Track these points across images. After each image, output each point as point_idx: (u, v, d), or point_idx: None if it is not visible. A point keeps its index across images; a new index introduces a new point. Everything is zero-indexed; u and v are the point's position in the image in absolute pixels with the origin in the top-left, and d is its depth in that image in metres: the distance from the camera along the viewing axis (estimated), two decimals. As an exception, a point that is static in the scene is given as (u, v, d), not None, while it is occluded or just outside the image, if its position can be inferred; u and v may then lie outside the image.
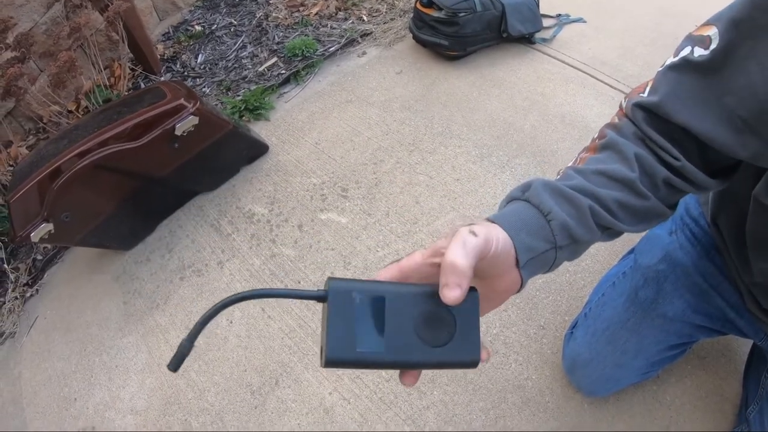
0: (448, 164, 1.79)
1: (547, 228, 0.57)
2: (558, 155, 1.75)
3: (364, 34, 2.35)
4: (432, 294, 0.50)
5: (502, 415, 1.28)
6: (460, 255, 0.47)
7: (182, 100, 1.53)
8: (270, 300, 1.55)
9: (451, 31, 2.01)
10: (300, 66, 2.21)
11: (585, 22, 2.28)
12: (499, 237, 0.52)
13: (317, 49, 2.27)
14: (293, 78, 2.20)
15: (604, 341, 1.13)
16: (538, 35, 2.18)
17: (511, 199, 0.61)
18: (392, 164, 1.82)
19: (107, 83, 2.22)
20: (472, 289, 0.51)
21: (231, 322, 1.52)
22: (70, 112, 2.19)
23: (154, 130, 1.50)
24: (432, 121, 1.94)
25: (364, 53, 2.28)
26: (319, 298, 0.49)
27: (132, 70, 2.33)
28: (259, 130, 2.00)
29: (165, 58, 2.42)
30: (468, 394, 1.31)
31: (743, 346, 1.30)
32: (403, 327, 0.49)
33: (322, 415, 1.33)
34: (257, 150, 1.91)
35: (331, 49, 2.28)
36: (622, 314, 1.12)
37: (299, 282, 1.56)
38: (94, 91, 2.17)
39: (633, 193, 0.62)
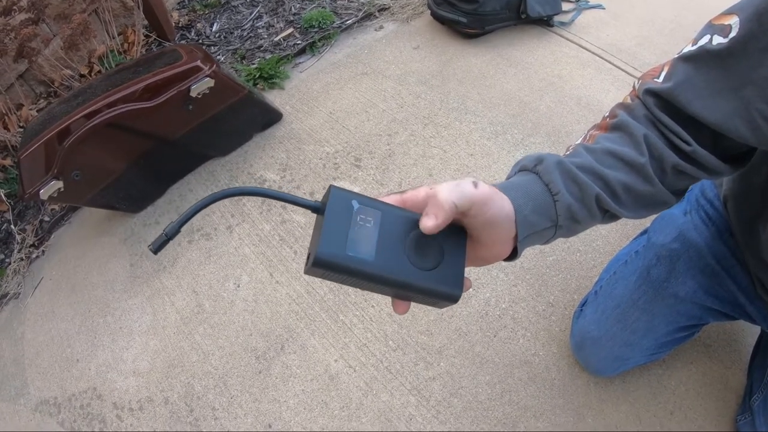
0: (463, 139, 1.78)
1: (552, 208, 0.57)
2: (573, 136, 1.73)
3: (382, 9, 2.33)
4: None
5: (508, 389, 1.27)
6: (446, 191, 0.49)
7: (198, 62, 1.51)
8: (279, 266, 1.54)
9: (470, 8, 1.99)
10: (316, 37, 2.19)
11: (604, 8, 2.26)
12: (503, 207, 0.53)
13: (334, 21, 2.25)
14: (309, 49, 2.18)
15: (614, 319, 1.13)
16: (556, 18, 2.16)
17: (522, 168, 0.61)
18: (406, 136, 1.81)
19: (121, 49, 2.21)
20: (460, 229, 0.54)
21: (238, 286, 1.52)
22: (82, 76, 2.18)
23: (169, 91, 1.49)
24: (447, 96, 1.93)
25: (381, 27, 2.26)
26: (314, 208, 0.51)
27: (146, 36, 2.31)
28: (274, 98, 1.99)
29: (180, 26, 2.41)
30: (474, 367, 1.31)
31: (749, 336, 1.30)
32: (394, 244, 0.50)
33: (327, 382, 1.33)
34: (271, 117, 1.89)
35: (347, 22, 2.26)
36: (633, 293, 1.11)
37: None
38: (108, 56, 2.16)
39: (641, 177, 0.61)
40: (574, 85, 1.91)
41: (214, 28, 2.36)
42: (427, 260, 0.51)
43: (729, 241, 1.02)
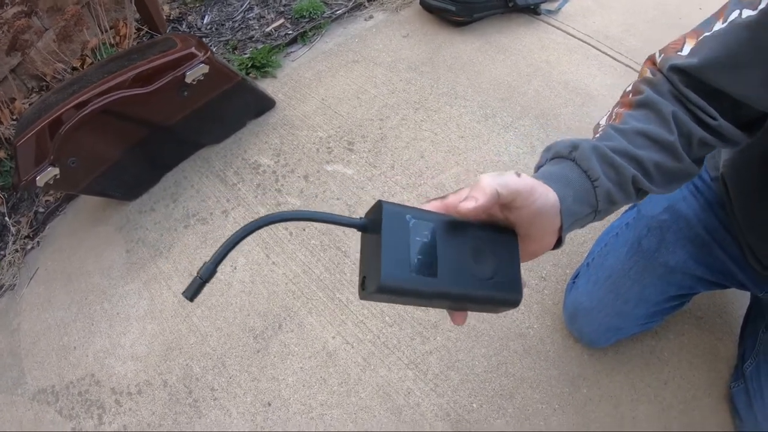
0: (453, 122, 1.80)
1: (592, 194, 0.58)
2: (561, 119, 1.76)
3: (371, -1, 2.35)
4: (476, 228, 0.50)
5: (503, 361, 1.29)
6: (489, 177, 0.48)
7: (193, 49, 1.52)
8: (275, 247, 1.56)
9: (458, -4, 2.02)
10: (307, 27, 2.20)
11: (590, -3, 2.29)
12: (549, 197, 0.52)
13: (324, 12, 2.27)
14: (300, 39, 2.19)
15: (606, 289, 1.15)
16: (543, 6, 2.18)
17: (555, 155, 0.61)
18: (398, 121, 1.83)
19: (112, 42, 2.21)
20: (510, 231, 0.53)
21: (235, 269, 1.53)
22: (74, 69, 2.18)
23: (164, 77, 1.49)
24: (438, 82, 1.94)
25: (370, 17, 2.27)
26: (360, 226, 0.48)
27: (138, 30, 2.32)
28: (266, 86, 1.99)
29: (171, 18, 2.41)
30: (470, 341, 1.33)
31: (740, 308, 1.32)
32: (454, 258, 0.48)
33: (324, 359, 1.34)
34: (264, 104, 1.90)
35: (338, 12, 2.27)
36: (624, 263, 1.13)
37: (304, 229, 1.57)
38: (100, 49, 2.16)
39: (671, 155, 0.62)
40: (561, 71, 1.94)
41: (205, 21, 2.37)
42: (485, 269, 0.49)
43: (719, 213, 1.04)
